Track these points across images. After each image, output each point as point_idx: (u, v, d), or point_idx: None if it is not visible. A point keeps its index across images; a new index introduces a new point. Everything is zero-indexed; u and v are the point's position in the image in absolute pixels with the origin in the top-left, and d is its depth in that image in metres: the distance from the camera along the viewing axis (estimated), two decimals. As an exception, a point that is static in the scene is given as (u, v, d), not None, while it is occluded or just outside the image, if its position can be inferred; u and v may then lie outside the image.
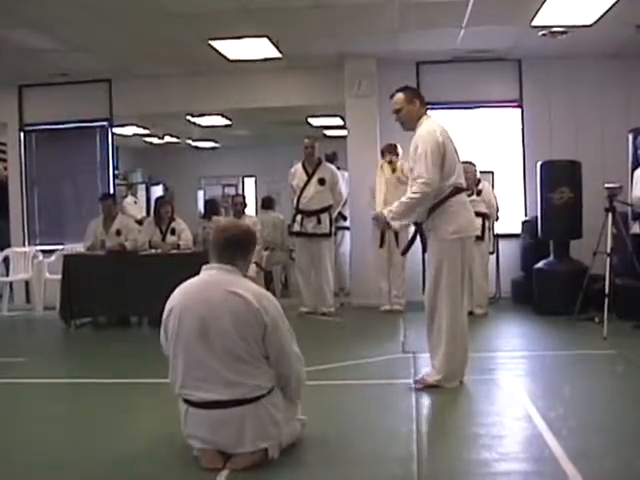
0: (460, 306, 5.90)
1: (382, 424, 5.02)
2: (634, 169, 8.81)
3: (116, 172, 13.22)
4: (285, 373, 4.18)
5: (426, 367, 6.13)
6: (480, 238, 9.64)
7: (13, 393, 6.36)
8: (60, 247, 11.57)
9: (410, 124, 5.99)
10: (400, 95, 5.99)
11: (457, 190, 5.90)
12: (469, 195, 9.60)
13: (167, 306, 4.24)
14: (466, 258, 5.94)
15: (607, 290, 8.13)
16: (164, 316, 4.23)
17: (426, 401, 5.62)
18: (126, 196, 16.59)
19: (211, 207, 12.09)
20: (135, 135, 16.32)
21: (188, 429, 4.19)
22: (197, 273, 4.29)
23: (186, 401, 4.15)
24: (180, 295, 4.22)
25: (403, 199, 5.81)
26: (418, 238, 6.14)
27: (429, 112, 6.09)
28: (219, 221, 4.31)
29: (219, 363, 4.02)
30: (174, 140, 18.20)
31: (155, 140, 17.98)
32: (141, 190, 18.55)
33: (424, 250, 6.12)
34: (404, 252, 6.84)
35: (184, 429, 4.24)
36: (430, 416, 5.45)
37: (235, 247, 4.23)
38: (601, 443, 4.48)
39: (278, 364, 4.14)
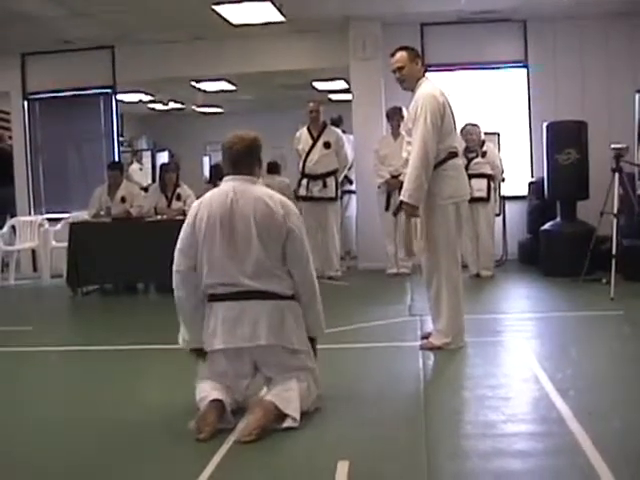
0: (457, 268, 5.92)
1: (389, 387, 5.03)
2: (641, 129, 8.77)
3: (121, 139, 13.20)
4: (301, 276, 4.39)
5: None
6: (486, 200, 9.65)
7: (21, 361, 6.38)
8: (66, 215, 11.55)
9: (410, 84, 5.94)
10: (403, 53, 5.93)
11: (452, 154, 5.85)
12: (474, 157, 9.63)
13: (193, 210, 4.44)
14: (460, 221, 5.97)
15: (614, 251, 8.11)
16: (191, 214, 4.42)
17: (433, 363, 5.63)
18: (131, 163, 16.57)
19: (216, 172, 12.01)
20: (140, 102, 16.25)
21: (210, 335, 4.32)
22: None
23: (211, 296, 4.35)
24: (208, 201, 4.41)
25: (408, 171, 5.73)
26: None
27: (430, 74, 6.05)
28: (226, 139, 4.50)
29: (241, 265, 4.25)
30: (179, 106, 18.14)
31: (160, 106, 17.92)
32: (146, 157, 18.49)
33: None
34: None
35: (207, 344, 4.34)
36: (437, 378, 5.45)
37: (248, 157, 4.49)
38: (608, 403, 4.49)
39: (295, 267, 4.36)
